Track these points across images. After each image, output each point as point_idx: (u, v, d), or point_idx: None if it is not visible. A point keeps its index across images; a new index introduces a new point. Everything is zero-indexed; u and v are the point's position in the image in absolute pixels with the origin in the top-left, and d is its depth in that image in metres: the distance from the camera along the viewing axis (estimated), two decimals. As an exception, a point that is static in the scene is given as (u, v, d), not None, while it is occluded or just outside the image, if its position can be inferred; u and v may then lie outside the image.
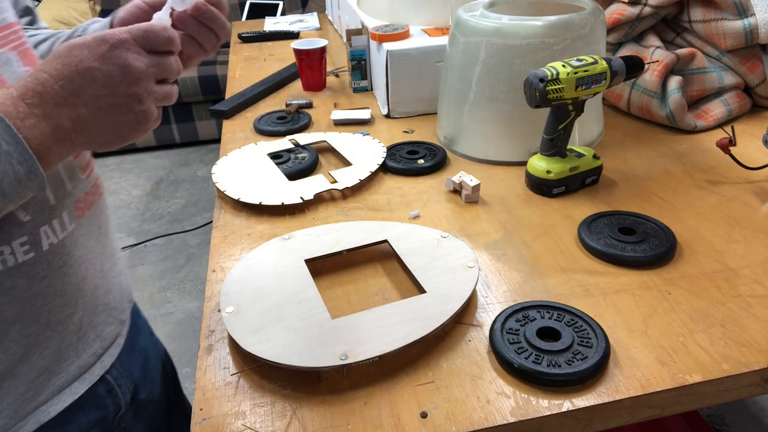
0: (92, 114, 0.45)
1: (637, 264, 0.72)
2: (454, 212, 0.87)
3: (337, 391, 0.57)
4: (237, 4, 3.49)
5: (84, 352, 0.62)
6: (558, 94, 0.81)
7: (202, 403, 0.57)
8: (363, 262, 0.77)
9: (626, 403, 0.55)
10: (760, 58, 1.08)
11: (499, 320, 0.63)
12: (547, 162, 0.88)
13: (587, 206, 0.86)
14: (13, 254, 0.51)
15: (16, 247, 0.51)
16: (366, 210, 0.88)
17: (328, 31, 1.95)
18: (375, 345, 0.59)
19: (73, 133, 0.45)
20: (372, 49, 1.27)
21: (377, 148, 1.04)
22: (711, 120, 1.08)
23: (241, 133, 1.18)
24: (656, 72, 1.06)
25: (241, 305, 0.65)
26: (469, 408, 0.55)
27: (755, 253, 0.74)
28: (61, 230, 0.56)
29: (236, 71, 1.59)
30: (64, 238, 0.56)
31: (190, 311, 2.09)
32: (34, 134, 0.43)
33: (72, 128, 0.45)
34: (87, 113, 0.45)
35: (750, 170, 0.92)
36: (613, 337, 0.62)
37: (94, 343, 0.63)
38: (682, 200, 0.86)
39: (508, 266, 0.74)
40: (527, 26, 0.92)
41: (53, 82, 0.44)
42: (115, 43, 0.45)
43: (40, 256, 0.53)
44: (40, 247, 0.53)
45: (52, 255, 0.54)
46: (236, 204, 0.91)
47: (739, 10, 1.03)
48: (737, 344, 0.60)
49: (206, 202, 2.79)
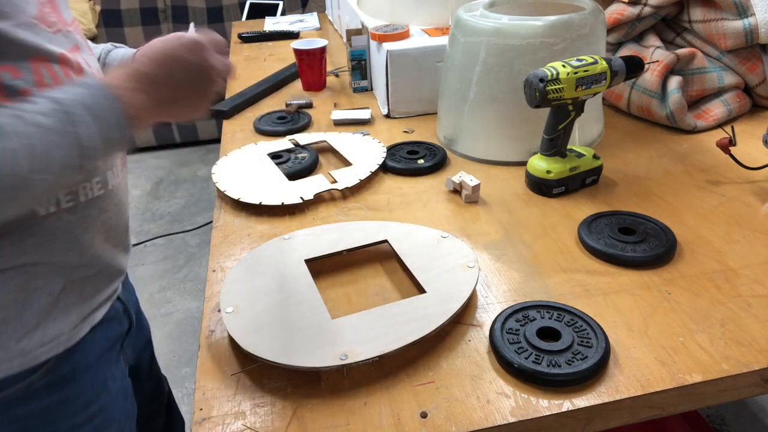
0: (178, 93, 0.59)
1: (637, 264, 0.72)
2: (454, 212, 0.87)
3: (337, 391, 0.57)
4: (237, 4, 3.49)
5: (115, 268, 0.72)
6: (558, 94, 0.81)
7: (202, 403, 0.57)
8: (363, 262, 0.77)
9: (626, 403, 0.55)
10: (760, 58, 1.08)
11: (499, 320, 0.63)
12: (547, 162, 0.88)
13: (587, 206, 0.86)
14: (92, 189, 0.64)
15: (93, 184, 0.64)
16: (366, 210, 0.88)
17: (328, 31, 1.95)
18: (375, 345, 0.59)
19: (164, 104, 0.58)
20: (372, 49, 1.27)
21: (377, 148, 1.04)
22: (711, 120, 1.08)
23: (241, 133, 1.18)
24: (656, 72, 1.06)
25: (241, 305, 0.65)
26: (469, 408, 0.55)
27: (755, 253, 0.74)
28: (117, 176, 0.69)
29: (236, 71, 1.59)
30: (118, 182, 0.69)
31: (190, 311, 2.09)
32: (135, 104, 0.55)
33: (166, 100, 0.58)
34: (176, 92, 0.58)
35: (750, 170, 0.92)
36: (613, 337, 0.62)
37: (122, 261, 0.74)
38: (682, 200, 0.86)
39: (508, 266, 0.74)
40: (527, 26, 0.92)
41: (154, 66, 0.57)
42: (199, 41, 0.59)
43: (107, 193, 0.66)
44: (107, 186, 0.66)
45: (113, 193, 0.68)
46: (236, 204, 0.91)
47: (739, 10, 1.03)
48: (737, 344, 0.60)
49: (206, 202, 2.79)
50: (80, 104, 0.52)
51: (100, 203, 0.65)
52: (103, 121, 0.53)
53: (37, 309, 0.61)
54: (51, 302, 0.62)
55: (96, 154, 0.54)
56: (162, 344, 1.94)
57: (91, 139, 0.52)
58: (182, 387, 1.79)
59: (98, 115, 0.53)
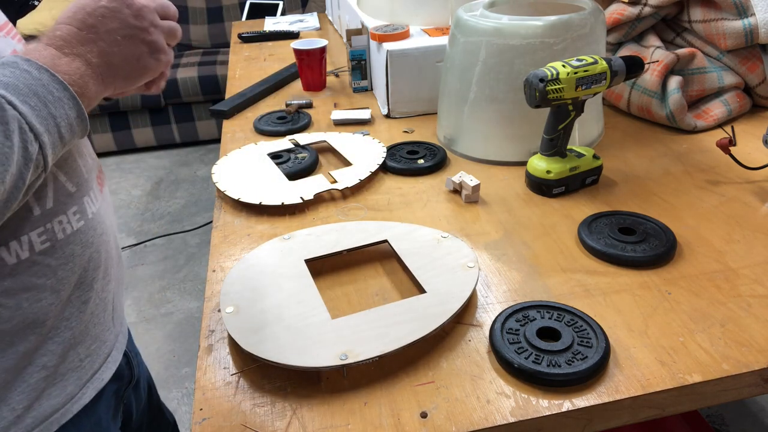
0: (110, 47, 0.50)
1: (637, 264, 0.72)
2: (454, 212, 0.87)
3: (337, 391, 0.57)
4: (237, 4, 3.49)
5: (116, 321, 0.65)
6: (558, 94, 0.81)
7: (202, 403, 0.57)
8: (363, 262, 0.77)
9: (626, 403, 0.55)
10: (760, 58, 1.08)
11: (499, 320, 0.63)
12: (547, 162, 0.88)
13: (587, 206, 0.86)
14: (70, 223, 0.55)
15: (70, 216, 0.55)
16: (366, 210, 0.88)
17: (328, 31, 1.95)
18: (375, 345, 0.59)
19: (102, 68, 0.50)
20: (372, 49, 1.27)
21: (377, 148, 1.04)
22: (711, 120, 1.08)
23: (241, 133, 1.18)
24: (656, 72, 1.06)
25: (241, 305, 0.65)
26: (469, 408, 0.55)
27: (755, 253, 0.74)
28: (96, 201, 0.60)
29: (236, 71, 1.59)
30: (98, 208, 0.60)
31: (190, 311, 2.09)
32: (70, 72, 0.47)
33: (99, 62, 0.50)
34: (106, 46, 0.50)
35: (750, 170, 0.92)
36: (613, 337, 0.62)
37: (121, 312, 0.67)
38: (682, 200, 0.86)
39: (508, 266, 0.74)
40: (527, 26, 0.92)
41: (71, 27, 0.49)
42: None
43: (88, 224, 0.57)
44: (87, 216, 0.57)
45: (95, 222, 0.59)
46: (236, 204, 0.91)
47: (739, 10, 1.03)
48: (737, 344, 0.60)
49: (206, 202, 2.79)
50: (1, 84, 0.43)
51: (81, 237, 0.56)
52: (36, 97, 0.44)
53: (27, 389, 0.53)
54: (45, 376, 0.55)
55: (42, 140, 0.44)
56: (162, 344, 1.94)
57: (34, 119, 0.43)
58: (182, 387, 1.79)
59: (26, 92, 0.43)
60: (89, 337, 0.59)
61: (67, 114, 0.47)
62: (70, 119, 0.47)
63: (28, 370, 0.53)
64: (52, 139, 0.46)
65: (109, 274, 0.62)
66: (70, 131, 0.48)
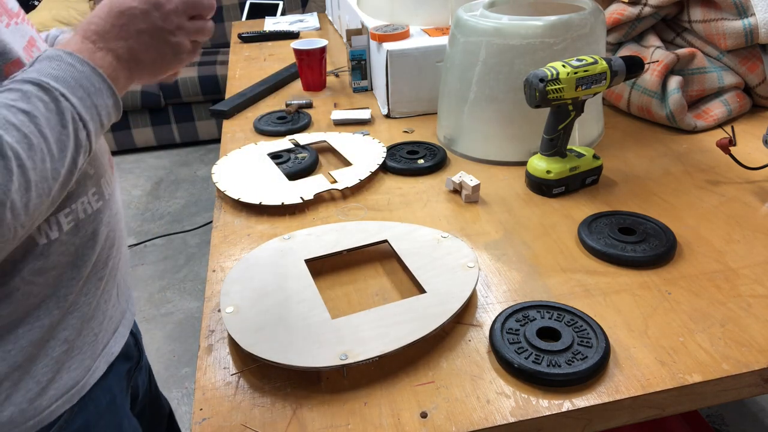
0: (138, 45, 0.54)
1: (637, 264, 0.72)
2: (454, 212, 0.87)
3: (337, 391, 0.57)
4: (237, 4, 3.49)
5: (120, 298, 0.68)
6: (558, 94, 0.81)
7: (202, 403, 0.57)
8: (363, 262, 0.77)
9: (626, 403, 0.55)
10: (760, 58, 1.08)
11: (499, 320, 0.63)
12: (547, 162, 0.88)
13: (587, 206, 0.86)
14: (90, 204, 0.59)
15: (90, 197, 0.59)
16: (366, 210, 0.88)
17: (328, 31, 1.95)
18: (375, 345, 0.59)
19: (131, 62, 0.54)
20: (372, 49, 1.27)
21: (377, 148, 1.04)
22: (711, 120, 1.08)
23: (241, 133, 1.18)
24: (656, 72, 1.06)
25: (241, 305, 0.65)
26: (469, 408, 0.55)
27: (755, 253, 0.74)
28: (110, 182, 0.64)
29: (236, 71, 1.59)
30: (113, 190, 0.65)
31: (190, 311, 2.09)
32: (104, 65, 0.52)
33: (128, 58, 0.54)
34: (135, 45, 0.54)
35: (750, 170, 0.92)
36: (613, 337, 0.62)
37: (126, 290, 0.70)
38: (682, 200, 0.86)
39: (508, 266, 0.74)
40: (527, 26, 0.92)
41: (104, 23, 0.53)
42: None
43: (105, 204, 0.62)
44: (104, 197, 0.62)
45: (111, 203, 0.63)
46: (236, 204, 0.91)
47: (739, 10, 1.03)
48: (737, 344, 0.60)
49: (206, 202, 2.79)
50: (51, 77, 0.47)
51: (101, 216, 0.61)
52: (82, 89, 0.49)
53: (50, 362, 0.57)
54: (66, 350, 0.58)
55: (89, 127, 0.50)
56: (162, 344, 1.94)
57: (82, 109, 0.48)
58: (182, 387, 1.79)
59: (74, 84, 0.49)
60: (100, 311, 0.63)
61: (106, 103, 0.51)
62: (109, 108, 0.52)
63: (50, 344, 0.57)
64: (95, 126, 0.51)
65: (120, 252, 0.66)
66: (108, 118, 0.53)
